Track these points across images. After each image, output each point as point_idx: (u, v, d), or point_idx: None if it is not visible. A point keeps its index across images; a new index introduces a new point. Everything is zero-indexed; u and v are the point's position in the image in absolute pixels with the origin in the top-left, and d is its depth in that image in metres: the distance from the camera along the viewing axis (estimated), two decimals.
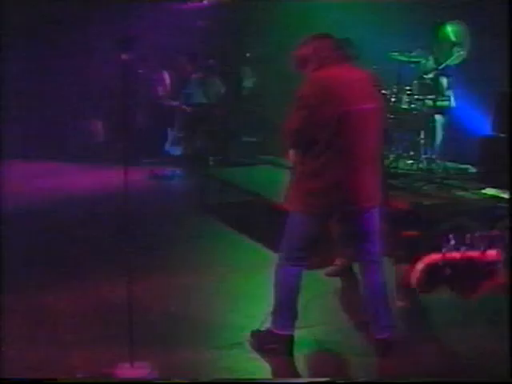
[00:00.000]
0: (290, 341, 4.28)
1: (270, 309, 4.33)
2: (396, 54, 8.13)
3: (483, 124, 8.32)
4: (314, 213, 4.10)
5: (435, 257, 1.73)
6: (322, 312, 5.04)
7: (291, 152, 4.41)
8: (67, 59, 11.50)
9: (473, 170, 8.24)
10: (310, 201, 4.07)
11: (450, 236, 1.72)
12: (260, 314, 4.56)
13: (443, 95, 8.16)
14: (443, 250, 1.73)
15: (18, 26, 10.76)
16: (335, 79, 3.99)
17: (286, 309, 4.27)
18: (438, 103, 7.99)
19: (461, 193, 7.27)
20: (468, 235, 1.71)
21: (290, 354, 4.27)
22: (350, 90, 3.98)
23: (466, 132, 8.59)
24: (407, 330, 4.66)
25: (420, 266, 1.76)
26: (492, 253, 1.72)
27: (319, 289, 5.36)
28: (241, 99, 11.51)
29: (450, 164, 8.25)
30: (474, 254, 1.72)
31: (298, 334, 4.33)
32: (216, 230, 7.23)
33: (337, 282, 5.59)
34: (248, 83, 11.61)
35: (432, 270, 1.73)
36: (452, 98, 8.36)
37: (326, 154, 3.96)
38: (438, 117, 8.13)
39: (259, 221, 6.98)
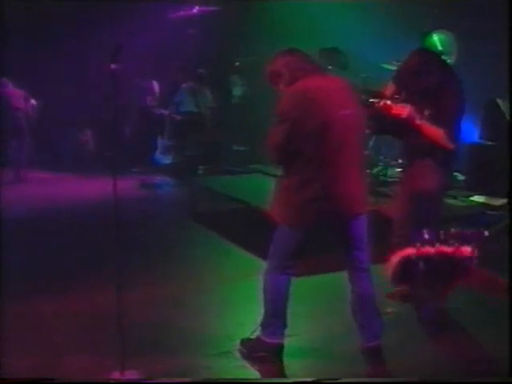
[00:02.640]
0: (279, 349, 4.29)
1: (260, 317, 4.33)
2: (385, 63, 8.17)
3: (471, 132, 8.38)
4: (300, 225, 4.12)
5: (409, 251, 1.75)
6: (311, 319, 5.05)
7: None
8: (56, 68, 11.50)
9: (461, 177, 8.29)
10: (297, 213, 4.08)
11: (424, 231, 1.75)
12: (250, 322, 4.57)
13: None
14: (417, 245, 1.75)
15: None
16: (312, 90, 4.02)
17: (275, 317, 4.28)
18: None
19: (450, 200, 7.31)
20: (443, 231, 1.73)
21: (280, 361, 4.28)
22: (328, 100, 4.01)
23: (462, 137, 8.65)
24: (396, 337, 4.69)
25: (394, 259, 1.77)
26: (466, 249, 1.74)
27: (309, 296, 5.39)
28: (231, 108, 11.54)
29: None
30: (448, 249, 1.74)
31: (287, 341, 4.33)
32: (206, 239, 7.24)
33: (327, 288, 5.59)
34: (238, 92, 11.64)
35: (406, 264, 1.75)
36: None
37: (310, 165, 3.99)
38: None
39: (249, 229, 6.99)
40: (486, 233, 1.78)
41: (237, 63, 11.69)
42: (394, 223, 4.93)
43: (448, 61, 8.38)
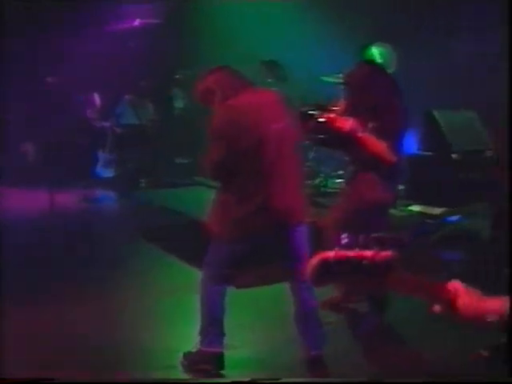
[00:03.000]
0: (219, 358, 4.29)
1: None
2: (325, 76, 8.28)
3: (410, 143, 8.54)
4: (238, 238, 4.13)
5: (328, 254, 1.78)
6: (255, 330, 5.06)
7: None
8: None
9: (401, 187, 8.42)
10: (235, 228, 4.10)
11: (344, 235, 1.78)
12: (194, 335, 4.55)
13: None
14: (336, 248, 1.79)
15: None
16: (244, 106, 4.06)
17: (212, 326, 4.28)
18: None
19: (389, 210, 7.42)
20: (362, 235, 1.77)
21: (221, 371, 4.28)
22: (261, 114, 4.06)
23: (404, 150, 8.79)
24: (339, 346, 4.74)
25: (313, 261, 1.80)
26: (385, 254, 1.78)
27: (252, 307, 5.41)
28: (172, 120, 11.51)
29: None
30: (367, 253, 1.77)
31: (231, 353, 4.35)
32: (148, 253, 7.18)
33: (270, 299, 5.61)
34: (179, 104, 11.62)
35: (324, 266, 1.78)
36: None
37: (247, 180, 4.03)
38: None
39: (191, 242, 6.96)
40: (405, 237, 1.82)
41: (178, 76, 11.67)
42: (330, 234, 4.92)
43: None
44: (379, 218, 4.83)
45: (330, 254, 1.77)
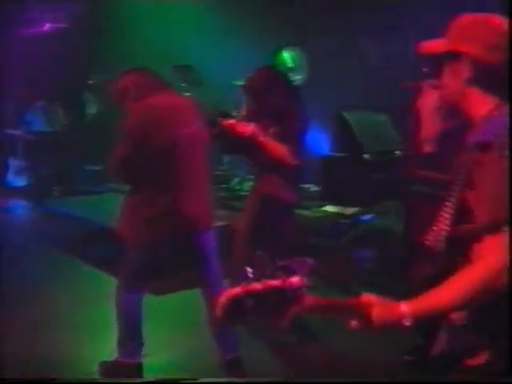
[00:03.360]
0: (137, 369, 4.24)
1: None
2: (237, 80, 8.32)
3: (322, 144, 8.68)
4: (147, 241, 4.11)
5: (235, 290, 1.76)
6: (171, 337, 5.06)
7: None
8: None
9: (314, 188, 8.56)
10: (143, 230, 4.08)
11: (248, 269, 1.76)
12: (110, 344, 4.49)
13: None
14: (242, 283, 1.76)
15: None
16: (157, 108, 4.06)
17: (130, 336, 4.24)
18: None
19: (303, 211, 7.53)
20: (269, 265, 1.75)
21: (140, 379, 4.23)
22: (172, 117, 4.07)
23: (307, 152, 8.90)
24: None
25: (222, 299, 1.77)
26: (294, 280, 1.78)
27: (168, 313, 5.38)
28: (84, 126, 11.32)
29: None
30: (275, 282, 1.76)
31: (147, 360, 4.32)
32: (62, 262, 7.05)
33: (186, 305, 5.60)
34: (91, 110, 11.45)
35: (234, 303, 1.75)
36: None
37: (154, 183, 4.01)
38: None
39: (106, 250, 6.87)
40: (311, 261, 1.82)
41: (90, 81, 11.50)
42: (239, 238, 4.97)
43: (298, 77, 8.72)
44: (285, 218, 4.91)
45: (237, 289, 1.74)
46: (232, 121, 4.65)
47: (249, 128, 4.60)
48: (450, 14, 2.24)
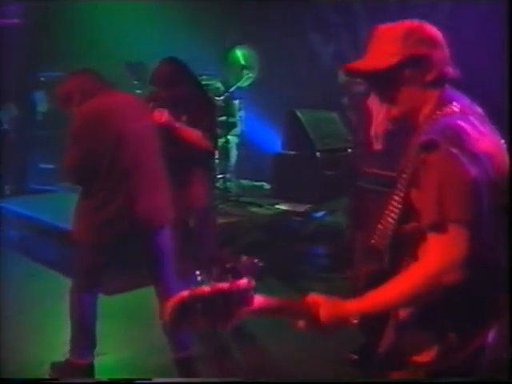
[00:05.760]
0: (89, 369, 4.23)
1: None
2: None
3: (275, 142, 8.72)
4: (100, 243, 4.10)
5: (183, 294, 1.76)
6: (122, 336, 5.05)
7: None
8: None
9: (267, 186, 8.60)
10: (98, 233, 4.07)
11: (197, 272, 1.78)
12: (62, 345, 4.45)
13: (234, 116, 8.46)
14: (191, 286, 1.77)
15: None
16: (102, 108, 4.06)
17: (82, 337, 4.23)
18: (230, 124, 8.29)
19: (256, 209, 7.57)
20: (216, 268, 1.77)
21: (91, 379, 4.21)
22: (118, 114, 4.08)
23: (259, 150, 8.95)
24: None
25: (170, 304, 1.77)
26: (242, 282, 1.79)
27: (119, 313, 5.36)
28: (36, 124, 11.16)
29: (244, 182, 8.55)
30: (224, 285, 1.77)
31: (98, 360, 4.30)
32: (14, 261, 6.94)
33: (138, 304, 5.58)
34: (43, 108, 11.28)
35: (183, 307, 1.75)
36: (243, 119, 8.69)
37: (106, 182, 4.01)
38: (230, 137, 8.40)
39: (59, 250, 6.80)
40: (258, 262, 1.84)
41: (42, 78, 11.33)
42: None
43: (250, 75, 8.75)
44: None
45: (184, 294, 1.74)
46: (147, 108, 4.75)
47: (164, 115, 4.74)
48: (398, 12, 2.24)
